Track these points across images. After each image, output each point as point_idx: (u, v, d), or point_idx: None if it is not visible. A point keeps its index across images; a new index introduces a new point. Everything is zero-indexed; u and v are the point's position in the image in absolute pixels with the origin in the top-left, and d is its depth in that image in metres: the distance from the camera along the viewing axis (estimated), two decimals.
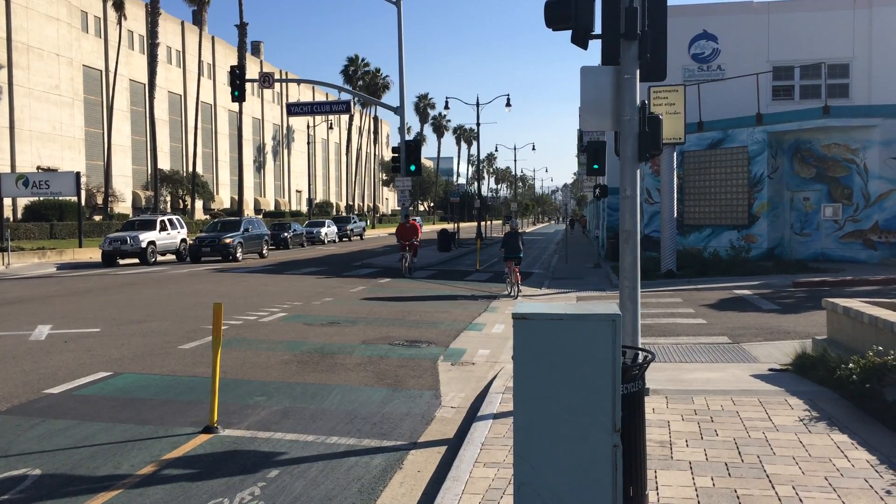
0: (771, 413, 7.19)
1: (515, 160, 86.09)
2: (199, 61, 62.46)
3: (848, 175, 23.55)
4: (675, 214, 21.69)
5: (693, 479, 5.47)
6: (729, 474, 5.55)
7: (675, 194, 21.67)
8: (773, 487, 5.27)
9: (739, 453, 6.02)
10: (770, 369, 9.26)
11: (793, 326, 12.85)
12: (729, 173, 24.80)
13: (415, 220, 23.36)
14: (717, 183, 25.17)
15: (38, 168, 47.47)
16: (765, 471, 5.61)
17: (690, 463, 5.81)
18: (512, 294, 18.84)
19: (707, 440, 6.39)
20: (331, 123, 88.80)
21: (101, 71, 58.09)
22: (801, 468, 5.65)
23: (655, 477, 5.49)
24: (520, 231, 19.51)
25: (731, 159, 24.74)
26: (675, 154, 21.38)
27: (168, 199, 62.47)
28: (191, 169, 61.39)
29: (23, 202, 44.09)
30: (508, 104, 49.36)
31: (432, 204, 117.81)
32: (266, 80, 30.67)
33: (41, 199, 40.58)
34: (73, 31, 54.68)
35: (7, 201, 39.42)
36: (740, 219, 24.54)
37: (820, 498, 5.07)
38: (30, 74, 49.76)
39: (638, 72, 7.52)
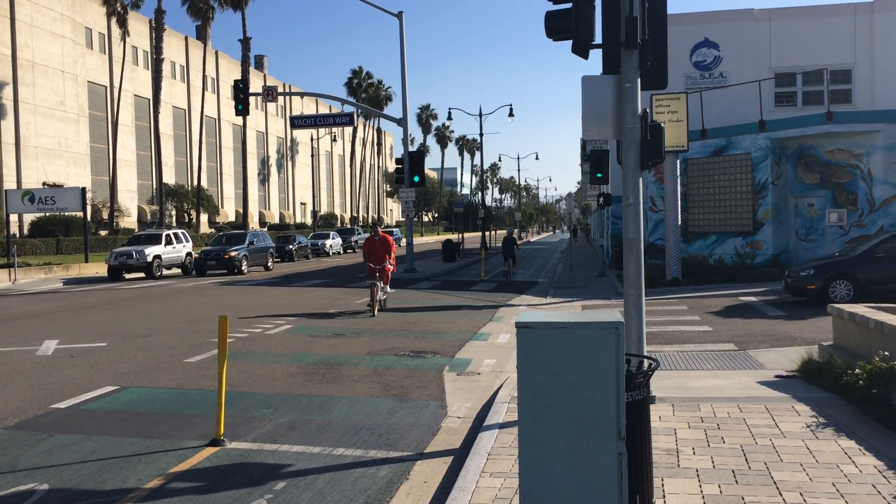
0: (778, 420, 7.17)
1: (519, 170, 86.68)
2: (204, 76, 62.77)
3: (852, 180, 23.49)
4: (680, 222, 21.67)
5: (700, 486, 5.46)
6: (736, 481, 5.53)
7: (679, 202, 21.66)
8: (781, 494, 5.26)
9: (746, 460, 6.01)
10: (776, 376, 9.25)
11: (799, 332, 12.82)
12: (733, 180, 24.78)
13: (386, 232, 20.03)
14: (721, 190, 25.15)
15: (44, 184, 47.66)
16: (772, 477, 5.59)
17: (697, 470, 5.80)
18: (507, 281, 25.37)
19: (714, 447, 6.38)
20: (334, 136, 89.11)
21: (105, 87, 58.45)
22: (808, 474, 5.64)
23: (662, 485, 5.48)
24: (515, 238, 27.56)
25: (734, 166, 24.72)
26: (678, 162, 21.39)
27: (173, 213, 62.67)
28: (195, 183, 61.62)
29: (29, 218, 44.24)
30: (511, 114, 49.21)
31: (436, 214, 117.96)
32: (269, 94, 30.80)
33: (47, 214, 40.72)
34: (78, 47, 55.05)
35: (13, 217, 39.60)
36: (745, 225, 24.49)
37: None
38: (35, 91, 50.08)
39: (639, 80, 7.54)
